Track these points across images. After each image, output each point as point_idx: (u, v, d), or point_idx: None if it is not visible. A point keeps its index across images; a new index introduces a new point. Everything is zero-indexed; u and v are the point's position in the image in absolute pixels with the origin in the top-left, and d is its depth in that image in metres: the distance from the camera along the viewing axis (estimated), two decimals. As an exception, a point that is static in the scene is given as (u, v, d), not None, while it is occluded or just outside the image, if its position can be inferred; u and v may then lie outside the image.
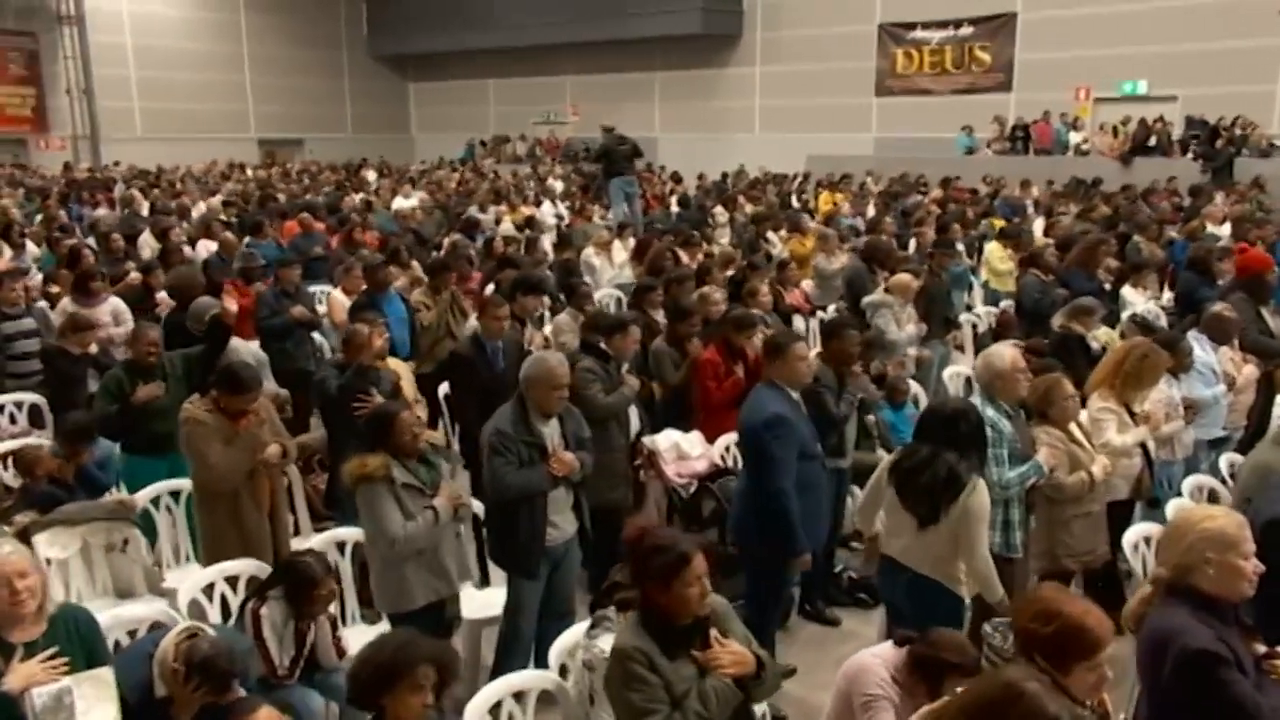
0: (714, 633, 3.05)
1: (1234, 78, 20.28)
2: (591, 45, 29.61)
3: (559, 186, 21.30)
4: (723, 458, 6.17)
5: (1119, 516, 5.54)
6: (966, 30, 24.60)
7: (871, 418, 6.84)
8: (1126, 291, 9.52)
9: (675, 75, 29.72)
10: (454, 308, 7.94)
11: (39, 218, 13.99)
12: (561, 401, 4.62)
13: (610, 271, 11.45)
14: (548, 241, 11.77)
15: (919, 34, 25.30)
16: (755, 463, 4.88)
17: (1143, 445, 5.61)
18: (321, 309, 8.81)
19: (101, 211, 13.82)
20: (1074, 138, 21.69)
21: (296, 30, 32.80)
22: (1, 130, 28.35)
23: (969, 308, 11.36)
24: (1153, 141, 20.61)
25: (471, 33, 31.28)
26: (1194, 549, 3.11)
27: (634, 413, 6.12)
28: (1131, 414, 5.62)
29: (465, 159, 31.44)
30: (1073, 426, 5.36)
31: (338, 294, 8.35)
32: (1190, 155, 19.72)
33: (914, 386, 7.70)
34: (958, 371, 8.25)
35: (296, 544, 5.08)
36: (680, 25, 27.50)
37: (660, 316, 7.31)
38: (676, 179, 22.08)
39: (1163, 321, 8.50)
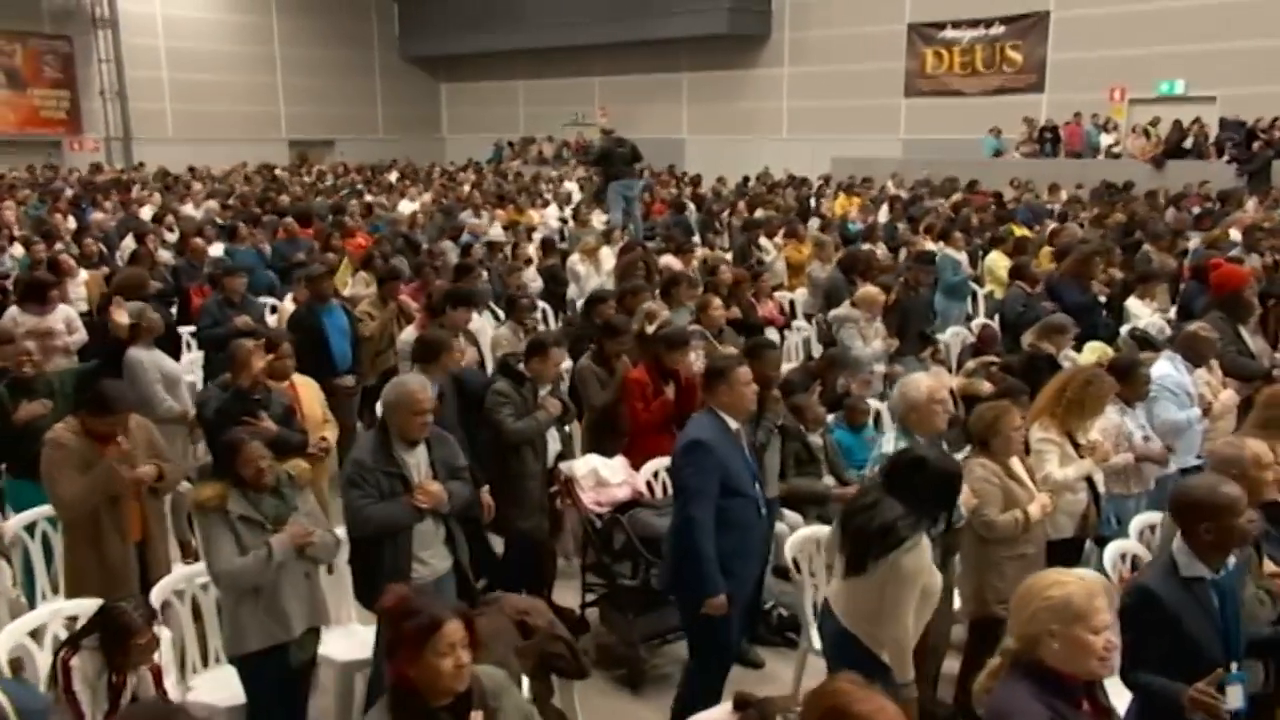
0: (476, 716, 2.69)
1: (1275, 77, 19.46)
2: (619, 46, 29.30)
3: (575, 188, 21.03)
4: (649, 484, 5.83)
5: (1066, 556, 5.11)
6: (998, 30, 23.93)
7: (818, 440, 6.46)
8: (1132, 303, 9.04)
9: (702, 76, 29.31)
10: (400, 319, 7.69)
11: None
12: (425, 427, 4.32)
13: (596, 279, 11.12)
14: (531, 248, 11.45)
15: (949, 33, 24.67)
16: (675, 492, 4.57)
17: (1089, 479, 5.20)
18: (273, 320, 8.58)
19: (99, 215, 13.72)
20: (1105, 140, 20.98)
21: (328, 32, 32.86)
22: (36, 132, 28.63)
23: (969, 318, 10.93)
24: (1188, 144, 19.85)
25: (501, 34, 31.13)
26: (1037, 619, 2.73)
27: (553, 437, 5.81)
28: (1076, 445, 5.20)
29: (493, 160, 31.33)
30: (1015, 460, 4.97)
31: (287, 304, 8.13)
32: (1225, 158, 18.97)
33: (878, 406, 7.30)
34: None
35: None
36: (706, 25, 27.09)
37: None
38: (695, 182, 21.69)
39: (1166, 335, 8.03)
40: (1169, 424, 5.64)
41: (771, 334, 8.91)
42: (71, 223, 14.13)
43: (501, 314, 8.18)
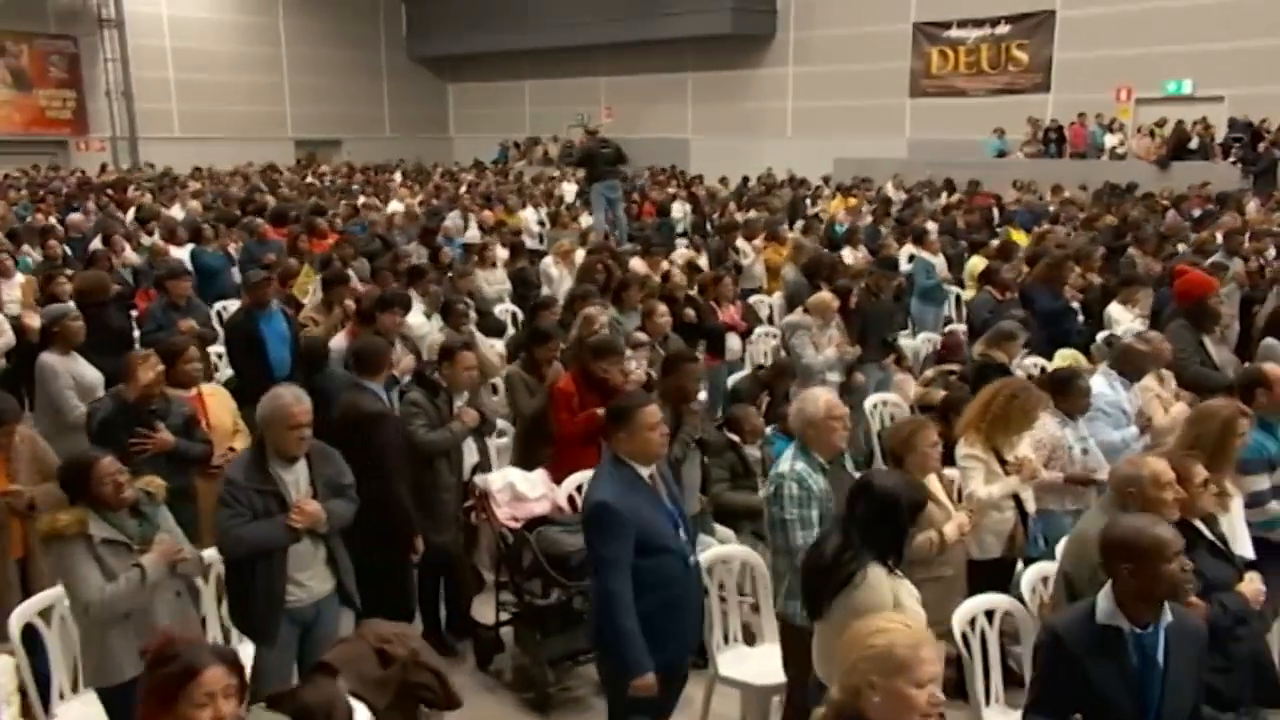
0: None
1: (1284, 77, 19.10)
2: (624, 46, 29.14)
3: (573, 189, 20.87)
4: (571, 499, 5.63)
5: (995, 577, 4.90)
6: (1003, 29, 23.58)
7: (756, 453, 6.25)
8: (1114, 309, 8.74)
9: (708, 76, 29.09)
10: (344, 324, 7.51)
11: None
12: (302, 443, 4.13)
13: (569, 281, 10.93)
14: (501, 250, 11.27)
15: (954, 33, 24.34)
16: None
17: (1016, 497, 4.97)
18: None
19: (76, 216, 13.64)
20: (1109, 140, 20.61)
21: (335, 32, 32.83)
22: (42, 132, 28.72)
23: (948, 322, 10.68)
24: (1194, 145, 19.47)
25: (508, 33, 31.01)
26: (857, 669, 2.52)
27: (470, 448, 5.62)
28: (1004, 462, 4.97)
29: (499, 161, 31.21)
30: (935, 478, 4.75)
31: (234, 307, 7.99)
32: (1231, 159, 18.59)
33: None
34: (883, 400, 7.59)
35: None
36: (710, 25, 26.85)
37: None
38: (690, 184, 21.47)
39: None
40: (1105, 445, 5.39)
41: (733, 340, 8.73)
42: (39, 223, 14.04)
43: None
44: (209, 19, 30.78)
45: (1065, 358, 7.58)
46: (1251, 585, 3.86)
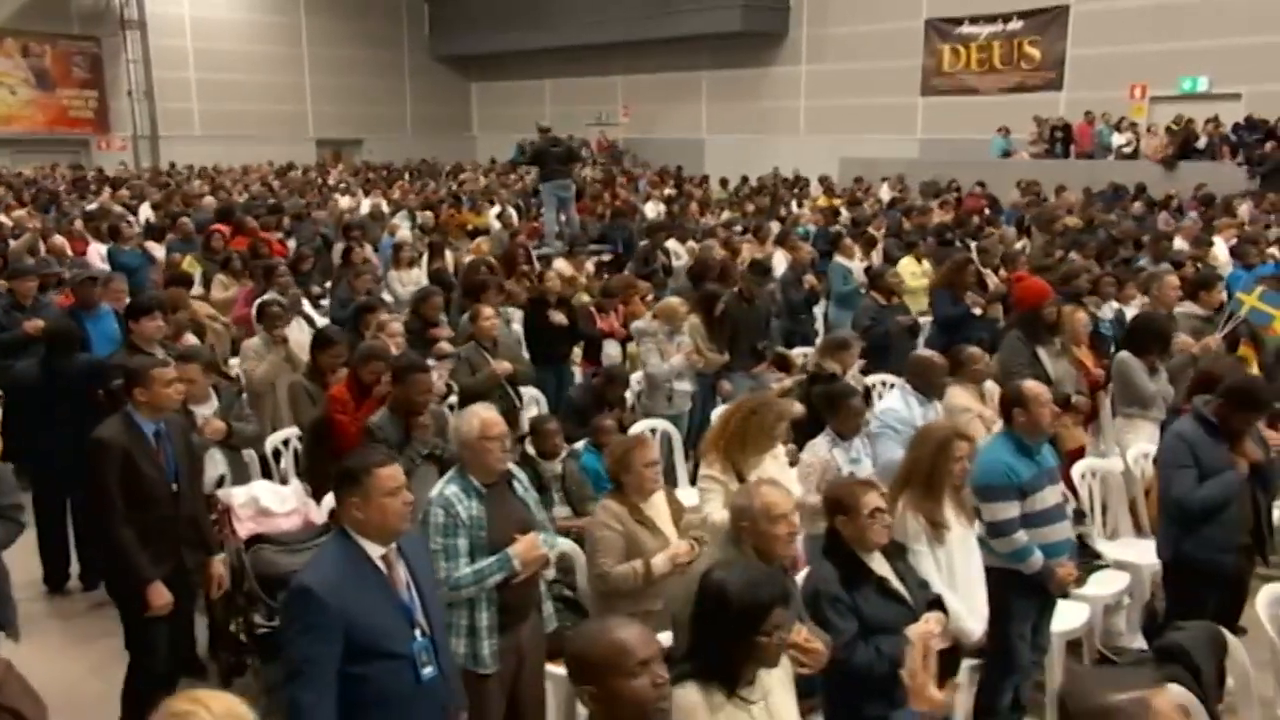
0: None
1: (1304, 74, 18.20)
2: (641, 44, 28.87)
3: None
4: (333, 511, 5.34)
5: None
6: (1016, 25, 22.82)
7: (556, 467, 5.90)
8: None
9: (722, 75, 28.66)
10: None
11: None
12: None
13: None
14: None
15: (966, 29, 23.61)
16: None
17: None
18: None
19: (18, 212, 13.69)
20: (1117, 139, 19.79)
21: (357, 32, 32.97)
22: (65, 131, 29.21)
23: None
24: (1201, 144, 18.60)
25: (528, 32, 30.92)
26: None
27: (217, 460, 5.36)
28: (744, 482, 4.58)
29: (517, 160, 31.04)
30: (659, 499, 4.40)
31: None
32: (1237, 160, 17.73)
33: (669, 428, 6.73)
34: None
35: None
36: (721, 23, 26.44)
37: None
38: (680, 182, 21.09)
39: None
40: (890, 464, 4.96)
41: (611, 347, 8.39)
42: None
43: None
44: (231, 19, 31.06)
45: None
46: (921, 627, 3.45)
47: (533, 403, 7.15)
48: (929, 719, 2.56)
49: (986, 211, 16.64)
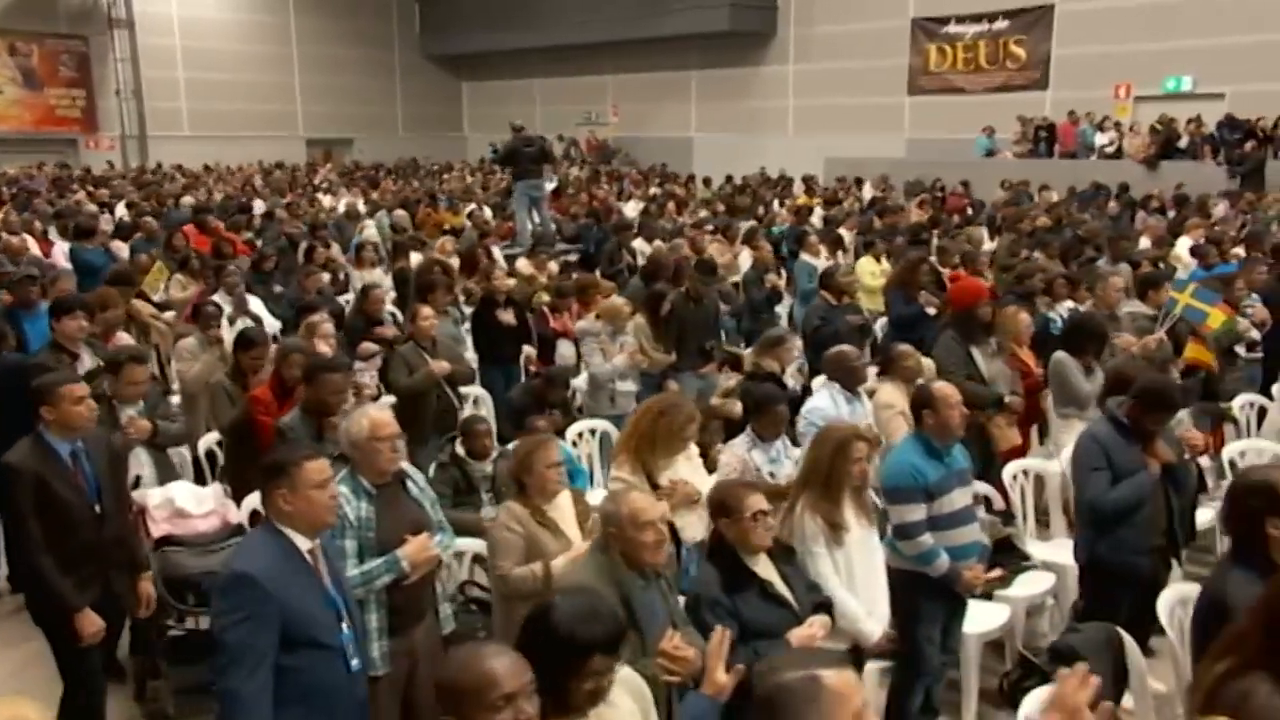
0: None
1: (1286, 73, 18.13)
2: (630, 44, 28.90)
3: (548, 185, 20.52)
4: (255, 514, 5.30)
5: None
6: (1001, 24, 22.78)
7: (488, 468, 5.85)
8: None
9: (711, 75, 28.64)
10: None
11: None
12: None
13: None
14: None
15: (953, 28, 23.58)
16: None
17: (670, 525, 4.52)
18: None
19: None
20: (1100, 139, 19.74)
21: (347, 31, 32.94)
22: (52, 130, 29.19)
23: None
24: (1183, 144, 18.55)
25: (518, 32, 30.89)
26: None
27: (144, 460, 5.31)
28: (656, 486, 4.54)
29: (492, 159, 31.00)
30: (564, 500, 4.35)
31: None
32: (1217, 160, 17.69)
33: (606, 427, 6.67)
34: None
35: None
36: (709, 23, 26.42)
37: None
38: (665, 180, 21.04)
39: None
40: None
41: (565, 347, 8.34)
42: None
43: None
44: (220, 18, 31.03)
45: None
46: (804, 631, 3.40)
47: (479, 403, 7.11)
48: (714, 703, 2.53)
49: (969, 211, 16.64)
